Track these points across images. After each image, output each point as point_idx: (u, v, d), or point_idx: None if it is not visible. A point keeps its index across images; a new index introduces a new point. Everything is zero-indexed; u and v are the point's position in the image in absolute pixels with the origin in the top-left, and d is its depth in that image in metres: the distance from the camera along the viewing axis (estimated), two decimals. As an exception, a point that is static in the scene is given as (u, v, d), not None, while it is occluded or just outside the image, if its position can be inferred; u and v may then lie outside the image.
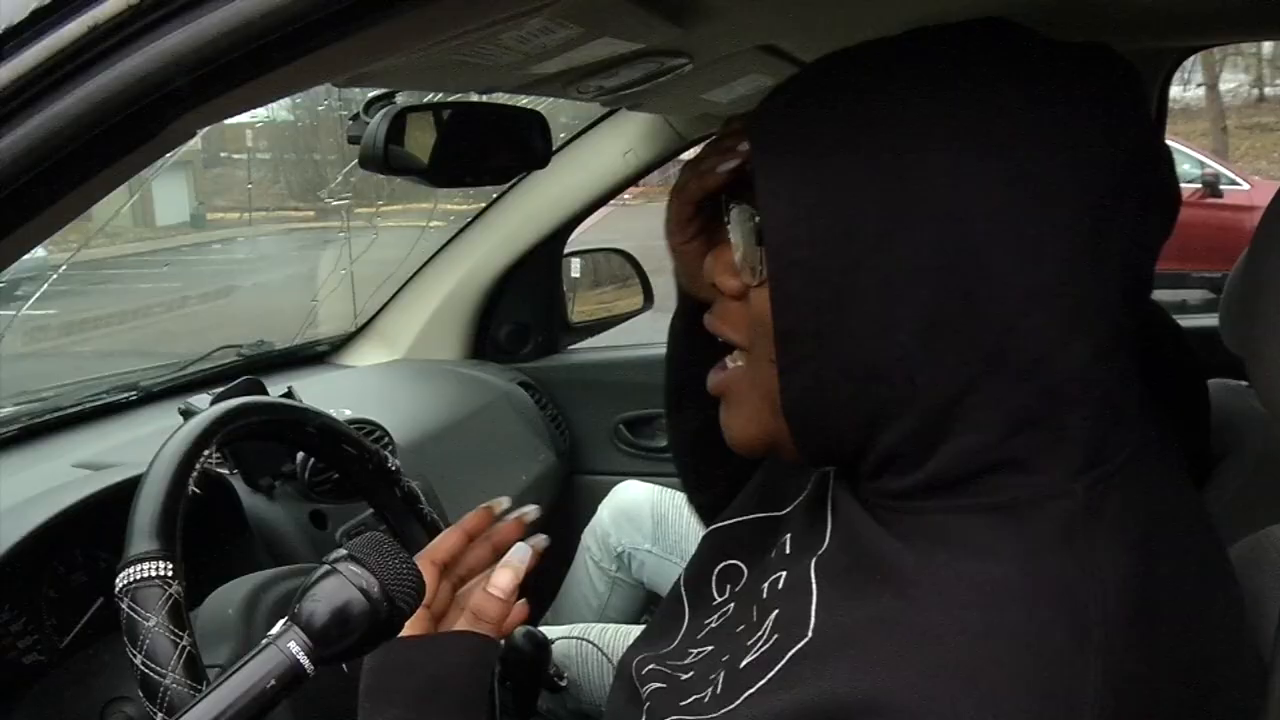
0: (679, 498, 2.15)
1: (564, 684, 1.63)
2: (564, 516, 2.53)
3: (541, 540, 1.12)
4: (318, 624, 0.82)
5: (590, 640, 1.77)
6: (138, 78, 0.68)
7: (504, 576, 1.06)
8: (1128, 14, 1.61)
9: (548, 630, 1.66)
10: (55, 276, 2.29)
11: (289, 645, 0.82)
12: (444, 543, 1.14)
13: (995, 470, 0.77)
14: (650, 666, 1.02)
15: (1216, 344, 1.53)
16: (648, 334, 2.88)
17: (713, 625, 1.02)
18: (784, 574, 0.92)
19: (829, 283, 0.76)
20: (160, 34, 0.68)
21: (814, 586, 0.85)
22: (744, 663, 0.87)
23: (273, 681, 0.81)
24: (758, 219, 0.81)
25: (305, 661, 0.82)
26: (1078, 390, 0.76)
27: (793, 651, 0.81)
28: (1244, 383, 1.70)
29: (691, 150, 2.54)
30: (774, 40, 1.61)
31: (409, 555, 0.89)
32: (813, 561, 0.88)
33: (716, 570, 1.08)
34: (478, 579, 1.13)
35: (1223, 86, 20.35)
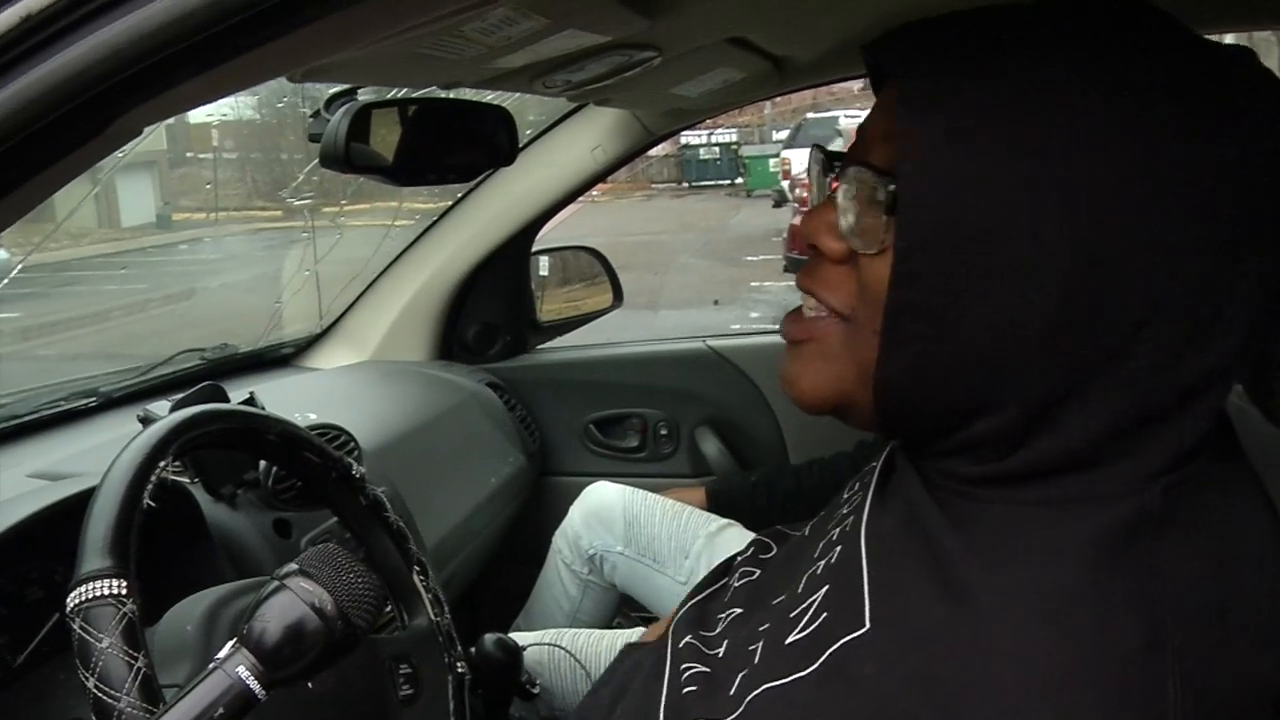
0: (650, 498, 2.14)
1: (536, 691, 1.61)
2: (534, 519, 2.51)
3: None
4: (268, 644, 0.79)
5: (562, 646, 1.75)
6: (75, 71, 0.65)
7: None
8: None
9: (519, 636, 1.64)
10: (6, 281, 2.25)
11: (237, 669, 0.79)
12: None
13: (1073, 469, 0.76)
14: (686, 639, 1.03)
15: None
16: (617, 332, 2.86)
17: (737, 585, 1.02)
18: (836, 547, 0.91)
19: (962, 265, 0.73)
20: (98, 25, 0.64)
21: (865, 567, 0.84)
22: (789, 639, 0.86)
23: (220, 710, 0.78)
24: (890, 186, 0.78)
25: (255, 686, 0.79)
26: (1178, 403, 0.75)
27: (847, 639, 0.80)
28: (1239, 387, 1.70)
29: (663, 145, 2.52)
30: (743, 33, 1.59)
31: (366, 569, 0.86)
32: (863, 537, 0.87)
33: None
34: None
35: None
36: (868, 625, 0.79)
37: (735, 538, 2.00)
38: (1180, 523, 0.74)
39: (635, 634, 1.75)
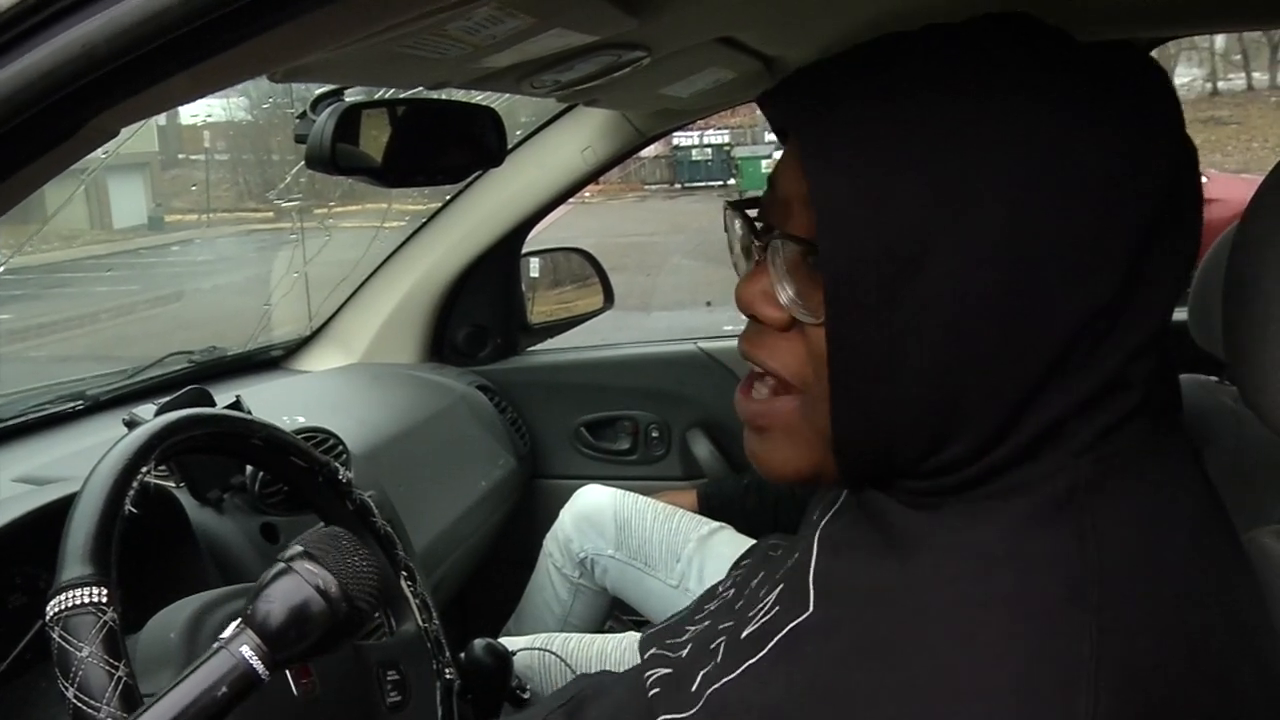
0: (642, 501, 2.13)
1: (527, 696, 1.60)
2: (525, 522, 2.51)
3: None
4: (273, 626, 0.81)
5: (553, 650, 1.74)
6: (44, 72, 0.63)
7: None
8: (1097, 5, 1.60)
9: (509, 641, 1.63)
10: (-8, 282, 2.24)
11: (241, 649, 0.80)
12: None
13: (1016, 464, 0.77)
14: (652, 650, 1.05)
15: (1184, 339, 1.52)
16: (608, 335, 2.85)
17: (711, 608, 1.05)
18: (795, 553, 0.94)
19: (890, 327, 0.74)
20: (69, 24, 0.63)
21: (813, 561, 0.87)
22: (745, 633, 0.89)
23: (224, 689, 0.79)
24: (810, 257, 0.79)
25: (259, 666, 0.80)
26: (1108, 388, 0.76)
27: (792, 625, 0.83)
28: (1215, 378, 1.70)
29: (655, 146, 2.51)
30: (733, 32, 1.58)
31: (369, 551, 0.86)
32: (816, 538, 0.90)
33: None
34: None
35: (1177, 81, 20.61)
36: (811, 609, 0.82)
37: (727, 541, 2.00)
38: (1111, 490, 0.76)
39: (626, 638, 1.74)
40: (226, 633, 0.81)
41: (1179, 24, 2.27)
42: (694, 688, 0.91)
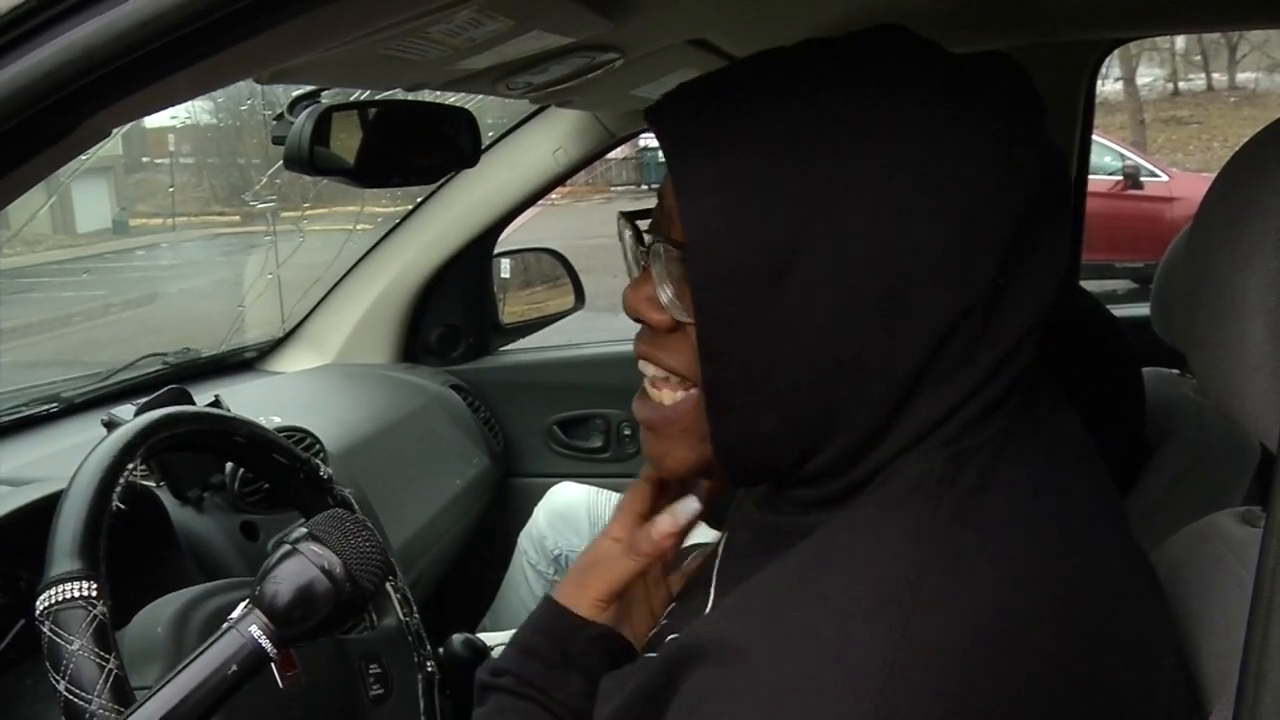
0: (614, 498, 2.14)
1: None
2: (499, 520, 2.52)
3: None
4: (280, 605, 0.83)
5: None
6: (44, 72, 0.65)
7: (665, 521, 0.99)
8: (1059, 6, 1.62)
9: (486, 636, 1.64)
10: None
11: (250, 629, 0.83)
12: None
13: (888, 465, 0.79)
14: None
15: (1146, 333, 1.55)
16: (576, 336, 2.86)
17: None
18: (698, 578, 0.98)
19: (757, 335, 0.77)
20: (68, 26, 0.64)
21: (712, 592, 0.91)
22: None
23: (235, 666, 0.82)
24: (681, 256, 0.80)
25: (267, 644, 0.83)
26: (973, 392, 0.78)
27: (691, 623, 0.85)
28: (1176, 371, 1.73)
29: (622, 148, 2.52)
30: (704, 34, 1.60)
31: (372, 532, 0.89)
32: (716, 567, 0.94)
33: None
34: None
35: (1139, 81, 20.78)
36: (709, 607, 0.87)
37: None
38: (962, 484, 0.76)
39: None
40: (235, 613, 0.83)
41: (1141, 25, 2.30)
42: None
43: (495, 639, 1.74)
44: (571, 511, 2.16)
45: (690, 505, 0.99)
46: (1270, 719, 0.58)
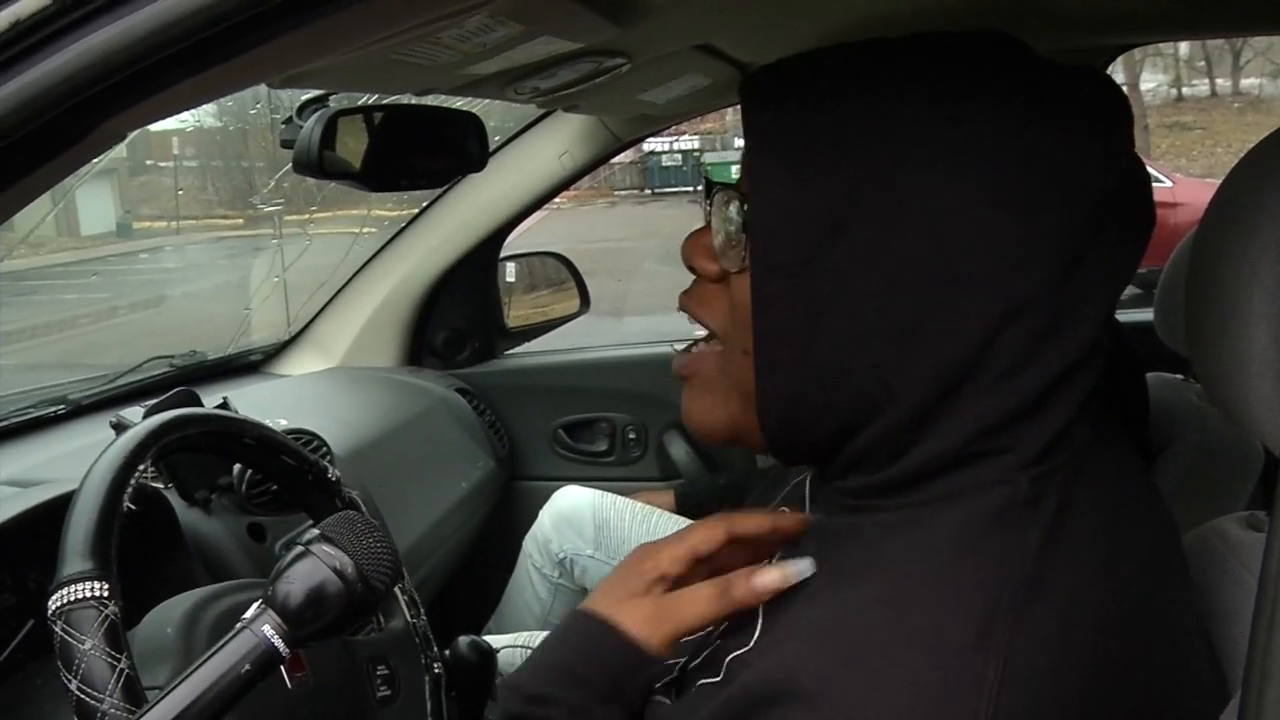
0: (620, 501, 2.15)
1: (510, 693, 1.61)
2: (505, 523, 2.51)
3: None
4: (293, 606, 0.84)
5: (534, 648, 1.75)
6: (64, 77, 0.66)
7: (773, 576, 0.89)
8: (1064, 11, 1.63)
9: (491, 639, 1.64)
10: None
11: (263, 628, 0.84)
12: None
13: (948, 469, 0.79)
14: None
15: (1150, 338, 1.55)
16: (579, 340, 2.87)
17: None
18: None
19: (810, 289, 0.78)
20: (87, 31, 0.65)
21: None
22: (693, 664, 0.92)
23: (248, 666, 0.82)
24: (745, 207, 0.83)
25: (280, 644, 0.84)
26: (1040, 399, 0.78)
27: (733, 656, 0.85)
28: (1180, 376, 1.73)
29: (627, 152, 2.53)
30: (711, 40, 1.60)
31: (384, 533, 0.89)
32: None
33: None
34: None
35: (1143, 86, 20.79)
36: (752, 643, 0.85)
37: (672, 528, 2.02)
38: (1046, 510, 0.77)
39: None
40: (249, 613, 0.83)
41: (1145, 32, 2.31)
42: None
43: (500, 642, 1.75)
44: (576, 515, 2.16)
45: (803, 566, 0.89)
46: (1275, 720, 0.59)
